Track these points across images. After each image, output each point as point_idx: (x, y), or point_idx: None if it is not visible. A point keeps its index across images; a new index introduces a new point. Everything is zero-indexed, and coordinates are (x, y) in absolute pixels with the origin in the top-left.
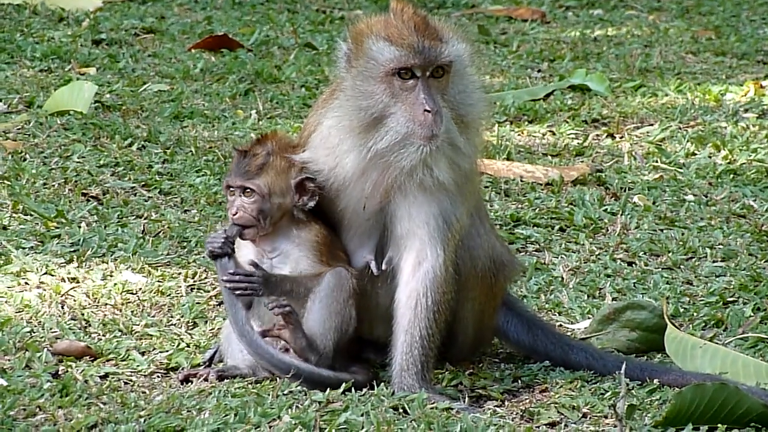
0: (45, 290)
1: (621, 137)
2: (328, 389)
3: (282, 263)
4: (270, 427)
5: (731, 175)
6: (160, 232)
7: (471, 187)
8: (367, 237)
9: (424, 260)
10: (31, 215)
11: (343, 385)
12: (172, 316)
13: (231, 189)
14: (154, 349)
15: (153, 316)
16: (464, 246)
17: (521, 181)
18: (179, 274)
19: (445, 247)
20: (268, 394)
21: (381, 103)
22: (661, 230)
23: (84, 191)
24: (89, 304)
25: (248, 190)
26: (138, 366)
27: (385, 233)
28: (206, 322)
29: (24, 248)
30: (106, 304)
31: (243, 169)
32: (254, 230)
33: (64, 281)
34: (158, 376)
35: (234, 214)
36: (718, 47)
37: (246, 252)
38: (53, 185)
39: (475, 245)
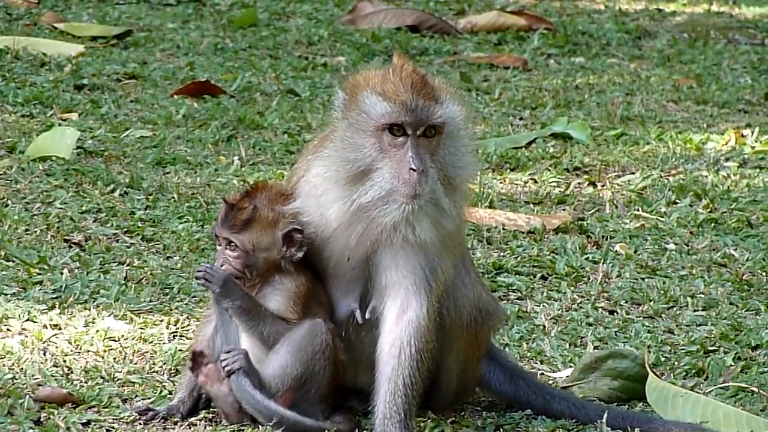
0: (27, 337)
1: (602, 185)
2: None
3: None
4: None
5: (712, 224)
6: (142, 278)
7: (456, 241)
8: (352, 286)
9: (408, 309)
10: (13, 261)
11: (327, 431)
12: (154, 363)
13: (218, 238)
14: (137, 396)
15: (135, 363)
16: (449, 296)
17: (503, 229)
18: (161, 321)
19: (429, 297)
20: None
21: (369, 157)
22: (643, 279)
23: (66, 237)
24: (71, 350)
25: (233, 243)
26: (120, 413)
27: (369, 282)
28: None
29: (6, 294)
30: (89, 350)
31: (229, 222)
32: (241, 281)
33: (46, 328)
34: (140, 424)
35: (221, 266)
36: (699, 96)
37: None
38: (35, 231)
39: (460, 295)
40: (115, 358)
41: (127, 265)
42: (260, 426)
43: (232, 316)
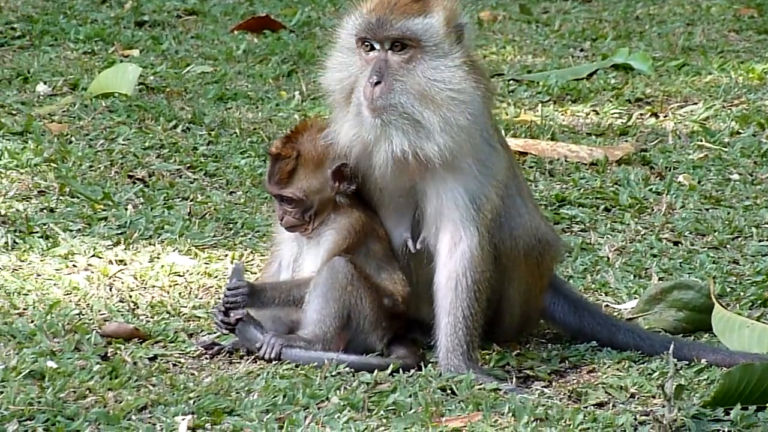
0: (93, 272)
1: (665, 116)
2: (376, 371)
3: (313, 248)
4: (318, 408)
5: None
6: (206, 213)
7: (493, 168)
8: (402, 215)
9: (460, 241)
10: (78, 198)
11: (391, 366)
12: (219, 298)
13: (270, 194)
14: (202, 330)
15: (200, 298)
16: (504, 226)
17: (566, 160)
18: (225, 255)
19: (479, 228)
20: (316, 376)
21: (351, 76)
22: (707, 209)
23: (130, 173)
24: (137, 286)
25: (286, 197)
26: (186, 348)
27: (417, 212)
28: None
29: (71, 231)
30: (154, 286)
31: (276, 177)
32: (303, 228)
33: (112, 263)
34: (207, 358)
35: (281, 219)
36: (760, 25)
37: (286, 242)
38: (99, 167)
39: (516, 225)
40: (180, 293)
41: (191, 201)
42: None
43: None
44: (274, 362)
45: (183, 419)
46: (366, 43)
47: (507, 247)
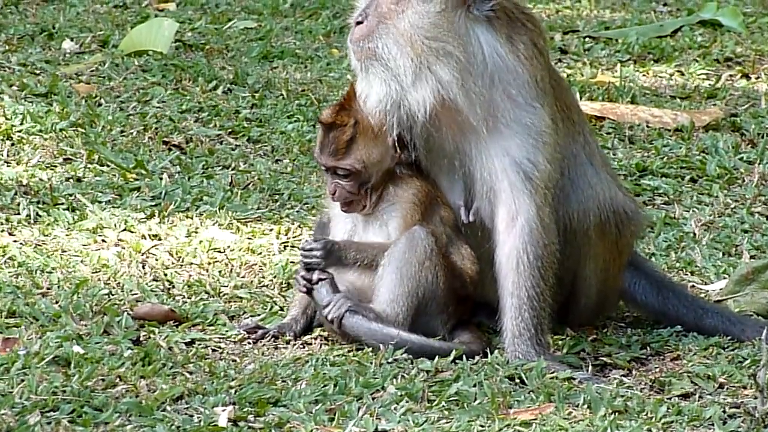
0: (124, 249)
1: (757, 77)
2: (437, 357)
3: (372, 224)
4: (373, 398)
5: None
6: (249, 184)
7: (538, 131)
8: (452, 181)
9: (518, 214)
10: (108, 166)
11: (454, 352)
12: (263, 277)
13: (322, 165)
14: (244, 312)
15: (243, 277)
16: (571, 197)
17: (647, 126)
18: (271, 230)
19: (535, 197)
20: (371, 363)
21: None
22: None
23: (165, 139)
24: (172, 263)
25: (341, 170)
26: (227, 332)
27: (467, 178)
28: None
29: (100, 202)
30: (191, 263)
31: (331, 148)
32: (358, 203)
33: (145, 238)
34: (249, 343)
35: (333, 194)
36: None
37: (338, 218)
38: (131, 133)
39: (586, 196)
40: (220, 272)
41: (232, 169)
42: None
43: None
44: (323, 348)
45: (223, 410)
46: None
47: (577, 221)
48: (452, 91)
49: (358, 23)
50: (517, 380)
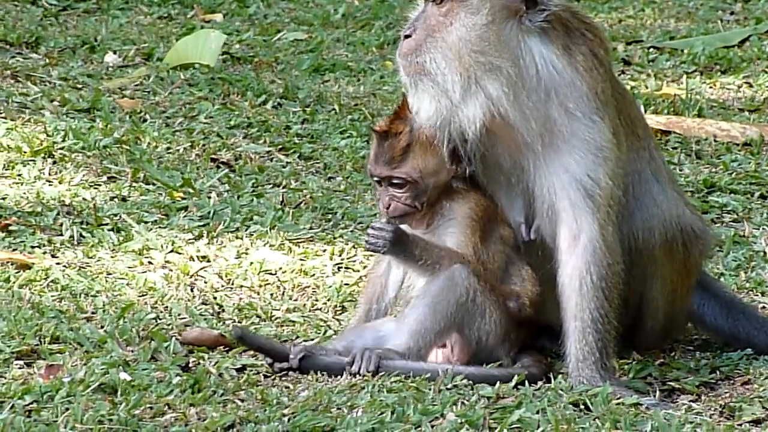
0: (171, 271)
1: None
2: (498, 383)
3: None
4: (432, 426)
5: None
6: (300, 202)
7: (599, 145)
8: (512, 198)
9: (581, 233)
10: (154, 184)
11: (515, 378)
12: (316, 300)
13: (377, 179)
14: (297, 337)
15: (295, 300)
16: (636, 215)
17: (715, 141)
18: (324, 251)
19: (598, 215)
20: (430, 389)
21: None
22: None
23: (213, 156)
24: (222, 286)
25: (397, 179)
26: None
27: (528, 195)
28: (356, 305)
29: (147, 222)
30: (241, 286)
31: (386, 157)
32: (412, 217)
33: (193, 260)
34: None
35: (387, 207)
36: None
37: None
38: (178, 150)
39: (651, 214)
40: (272, 294)
41: (283, 188)
42: (440, 372)
43: (410, 268)
44: (380, 374)
45: None
46: None
47: (642, 240)
48: (503, 107)
49: (407, 36)
50: (582, 406)
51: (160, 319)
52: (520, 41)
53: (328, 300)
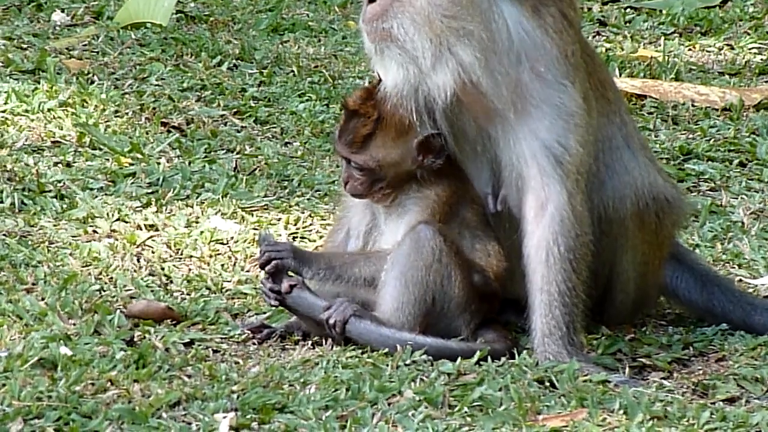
0: (117, 240)
1: None
2: (459, 359)
3: (393, 219)
4: (389, 403)
5: None
6: (255, 169)
7: (569, 111)
8: (478, 167)
9: (548, 202)
10: (101, 149)
11: (477, 353)
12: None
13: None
14: (249, 310)
15: (247, 271)
16: (606, 184)
17: (692, 105)
18: (279, 219)
19: (566, 183)
20: (387, 365)
21: None
22: None
23: (164, 120)
24: (170, 256)
25: (355, 163)
26: (229, 331)
27: (494, 164)
28: None
29: (92, 189)
30: (191, 256)
31: (348, 138)
32: (373, 195)
33: (141, 229)
34: (254, 344)
35: (345, 183)
36: None
37: (357, 208)
38: (127, 113)
39: (622, 183)
40: (223, 265)
41: (237, 153)
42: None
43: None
44: (334, 349)
45: (224, 417)
46: None
47: (613, 210)
48: (475, 73)
49: (371, 2)
50: (547, 383)
51: (104, 291)
52: (491, 3)
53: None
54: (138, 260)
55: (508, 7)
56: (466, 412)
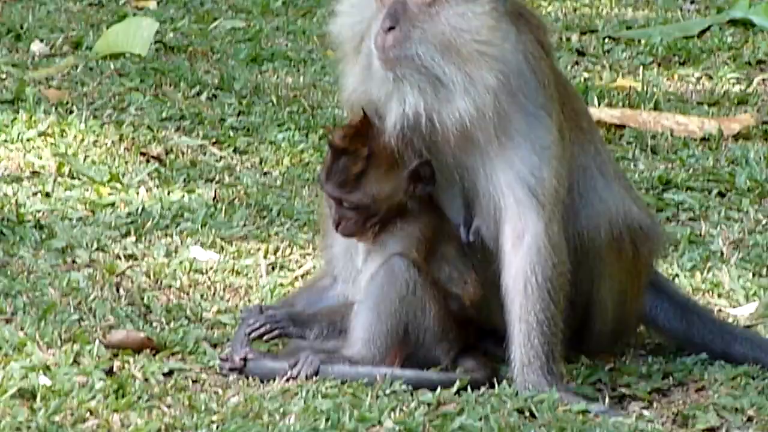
0: (97, 270)
1: None
2: (439, 388)
3: (374, 256)
4: None
5: None
6: (234, 198)
7: (543, 141)
8: (450, 196)
9: (524, 233)
10: (80, 179)
11: (457, 383)
12: (249, 301)
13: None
14: (229, 340)
15: (227, 301)
16: (581, 213)
17: (671, 135)
18: (258, 249)
19: (543, 213)
20: (367, 395)
21: (363, 21)
22: None
23: (143, 150)
24: (150, 286)
25: (348, 203)
26: (209, 361)
27: (468, 194)
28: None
29: (71, 219)
30: (170, 286)
31: (340, 178)
32: (361, 236)
33: (120, 259)
34: (234, 374)
35: (337, 225)
36: None
37: (341, 249)
38: (106, 143)
39: (597, 211)
40: (202, 295)
41: (216, 183)
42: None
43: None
44: (315, 380)
45: None
46: None
47: (589, 239)
48: (498, 99)
49: (390, 29)
50: (527, 413)
51: (83, 321)
52: (503, 29)
53: (262, 301)
54: (117, 290)
55: (508, 33)
56: None
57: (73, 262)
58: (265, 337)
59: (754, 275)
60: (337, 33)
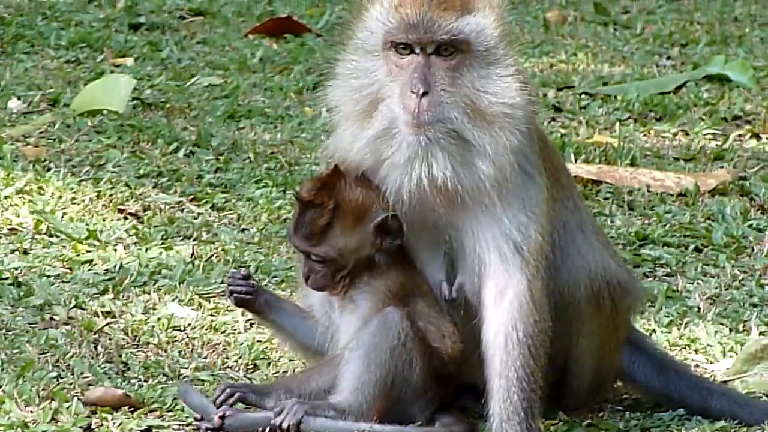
0: (74, 327)
1: None
2: None
3: (344, 319)
4: None
5: None
6: (212, 255)
7: (533, 198)
8: (433, 254)
9: (507, 288)
10: (58, 236)
11: None
12: (227, 358)
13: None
14: (207, 397)
15: (205, 358)
16: (561, 269)
17: (648, 191)
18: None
19: (526, 270)
20: None
21: (376, 83)
22: None
23: (120, 207)
24: (128, 343)
25: (315, 256)
26: (187, 418)
27: (451, 251)
28: (269, 364)
29: (49, 276)
30: (148, 343)
31: (306, 231)
32: (331, 290)
33: (98, 316)
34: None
35: (306, 278)
36: None
37: (316, 302)
38: (83, 200)
39: (576, 267)
40: (180, 352)
41: (194, 240)
42: None
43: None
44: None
45: None
46: (401, 46)
47: (568, 294)
48: (521, 157)
49: (424, 95)
50: None
51: (61, 378)
52: (523, 90)
53: (240, 358)
54: (95, 347)
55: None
56: None
57: (51, 319)
58: (229, 400)
59: (731, 330)
60: (340, 96)
